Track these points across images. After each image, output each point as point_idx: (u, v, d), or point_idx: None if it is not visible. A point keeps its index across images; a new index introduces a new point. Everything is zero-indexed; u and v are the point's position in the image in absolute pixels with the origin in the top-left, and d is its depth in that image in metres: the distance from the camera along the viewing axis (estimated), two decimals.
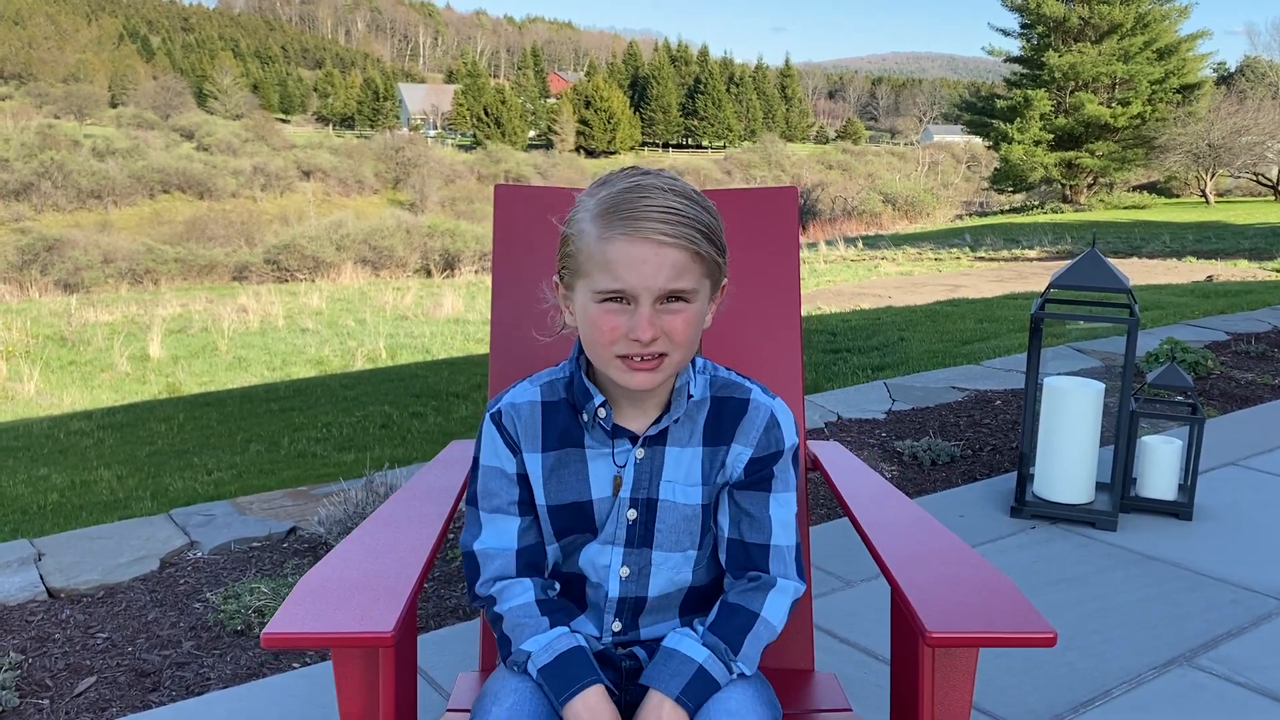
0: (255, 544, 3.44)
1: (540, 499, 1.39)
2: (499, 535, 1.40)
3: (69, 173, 46.76)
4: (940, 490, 3.99)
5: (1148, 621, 2.91)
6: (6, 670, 2.57)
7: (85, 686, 2.54)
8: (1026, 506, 3.66)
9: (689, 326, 1.28)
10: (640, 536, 1.39)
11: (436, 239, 28.92)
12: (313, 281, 23.49)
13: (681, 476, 1.39)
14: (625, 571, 1.40)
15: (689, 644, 1.32)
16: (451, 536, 3.49)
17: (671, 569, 1.41)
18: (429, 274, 26.35)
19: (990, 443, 4.58)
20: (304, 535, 3.50)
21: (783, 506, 1.40)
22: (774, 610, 1.36)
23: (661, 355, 1.28)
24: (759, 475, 1.39)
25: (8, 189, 44.74)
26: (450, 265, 27.15)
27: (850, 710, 1.63)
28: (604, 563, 1.41)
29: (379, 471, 3.93)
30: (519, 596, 1.37)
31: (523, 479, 1.39)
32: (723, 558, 1.42)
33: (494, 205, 2.05)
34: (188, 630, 2.83)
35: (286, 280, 24.88)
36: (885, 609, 2.89)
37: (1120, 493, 3.62)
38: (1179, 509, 3.68)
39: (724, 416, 1.39)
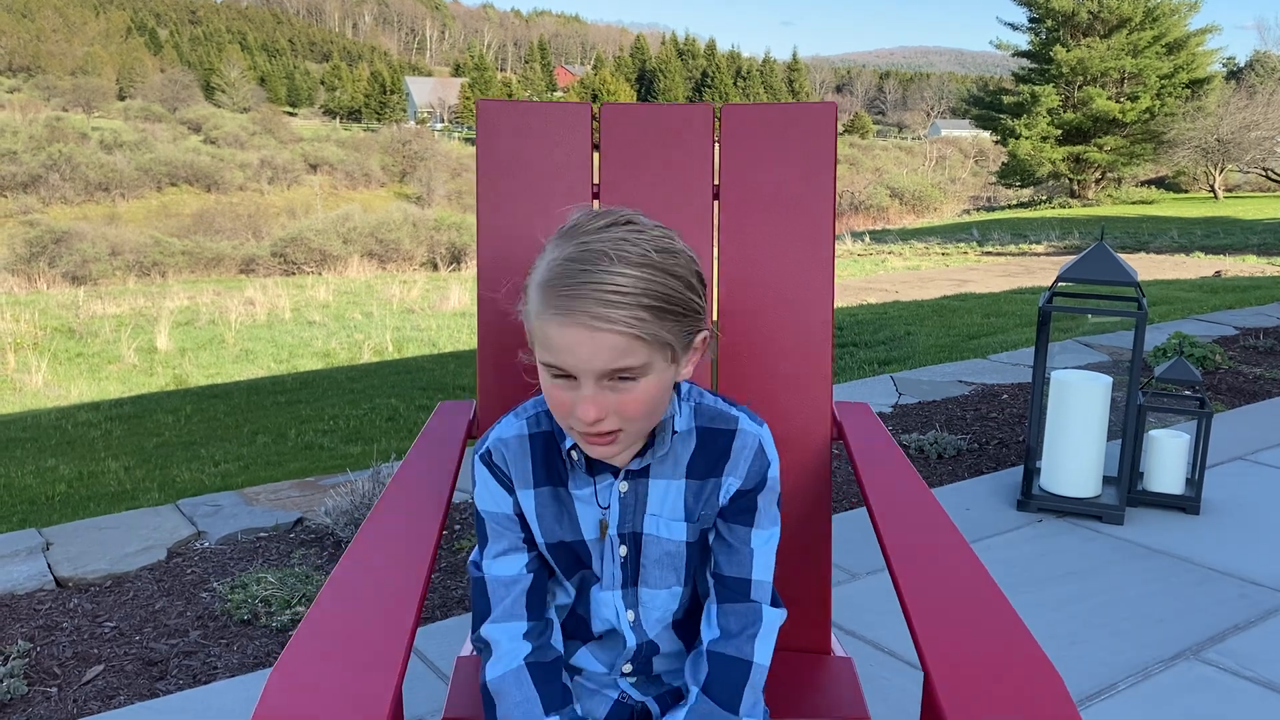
0: (262, 534, 3.45)
1: (538, 538, 1.33)
2: (506, 566, 1.34)
3: (77, 165, 46.87)
4: (947, 483, 3.99)
5: (1154, 615, 2.90)
6: (15, 658, 2.58)
7: (93, 675, 2.55)
8: (1033, 500, 3.65)
9: (642, 403, 1.18)
10: (631, 574, 1.35)
11: (443, 232, 28.96)
12: (319, 274, 23.54)
13: (665, 510, 1.32)
14: (631, 616, 1.36)
15: None
16: (457, 528, 3.50)
17: (659, 607, 1.36)
18: (435, 267, 26.39)
19: (997, 436, 4.57)
20: (311, 526, 3.51)
21: (765, 542, 1.33)
22: (763, 652, 1.31)
23: (612, 432, 1.19)
24: (743, 507, 1.32)
25: (16, 181, 44.87)
26: (456, 259, 27.18)
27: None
28: (610, 611, 1.36)
29: (385, 463, 3.94)
30: (507, 659, 1.30)
31: (521, 517, 1.33)
32: (701, 587, 1.38)
33: (477, 124, 1.85)
34: (195, 619, 2.84)
35: (293, 273, 24.92)
36: (890, 601, 2.89)
37: (1127, 487, 3.61)
38: (1186, 503, 3.67)
39: (711, 450, 1.31)
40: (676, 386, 1.30)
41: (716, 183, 1.84)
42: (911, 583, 1.33)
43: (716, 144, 1.85)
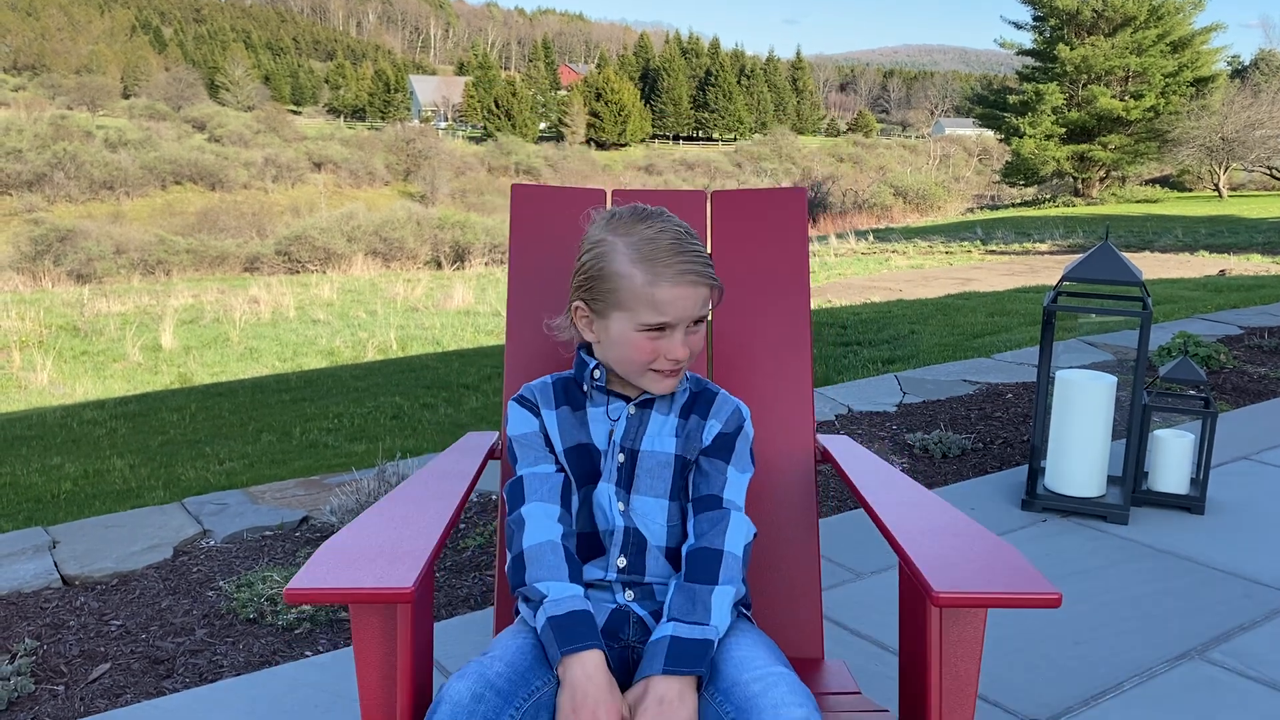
0: (268, 533, 3.46)
1: (558, 446, 1.61)
2: (541, 468, 1.59)
3: (81, 164, 46.91)
4: (951, 483, 3.99)
5: (1159, 615, 2.90)
6: (22, 657, 2.59)
7: (99, 673, 2.56)
8: (1037, 500, 3.65)
9: (702, 341, 1.59)
10: (626, 480, 1.60)
11: (447, 231, 28.95)
12: (324, 273, 23.55)
13: (661, 432, 1.62)
14: (621, 506, 1.59)
15: (658, 630, 1.45)
16: (463, 526, 3.51)
17: (648, 514, 1.59)
18: (439, 266, 26.38)
19: (1001, 436, 4.57)
20: (316, 524, 3.52)
21: (737, 475, 1.61)
22: (733, 542, 1.53)
23: (682, 365, 1.57)
24: (722, 445, 1.61)
25: (21, 180, 44.92)
26: (460, 257, 27.18)
27: (859, 693, 1.65)
28: (604, 500, 1.59)
29: (391, 462, 3.94)
30: (544, 531, 1.52)
31: (545, 435, 1.62)
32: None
33: (511, 205, 2.13)
34: (201, 618, 2.85)
35: (298, 271, 24.93)
36: (895, 600, 2.89)
37: (1132, 486, 3.61)
38: (1191, 503, 3.67)
39: (699, 401, 1.65)
40: None
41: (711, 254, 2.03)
42: (879, 500, 1.63)
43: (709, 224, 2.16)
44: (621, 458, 1.61)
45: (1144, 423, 3.70)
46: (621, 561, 1.58)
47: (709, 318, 1.61)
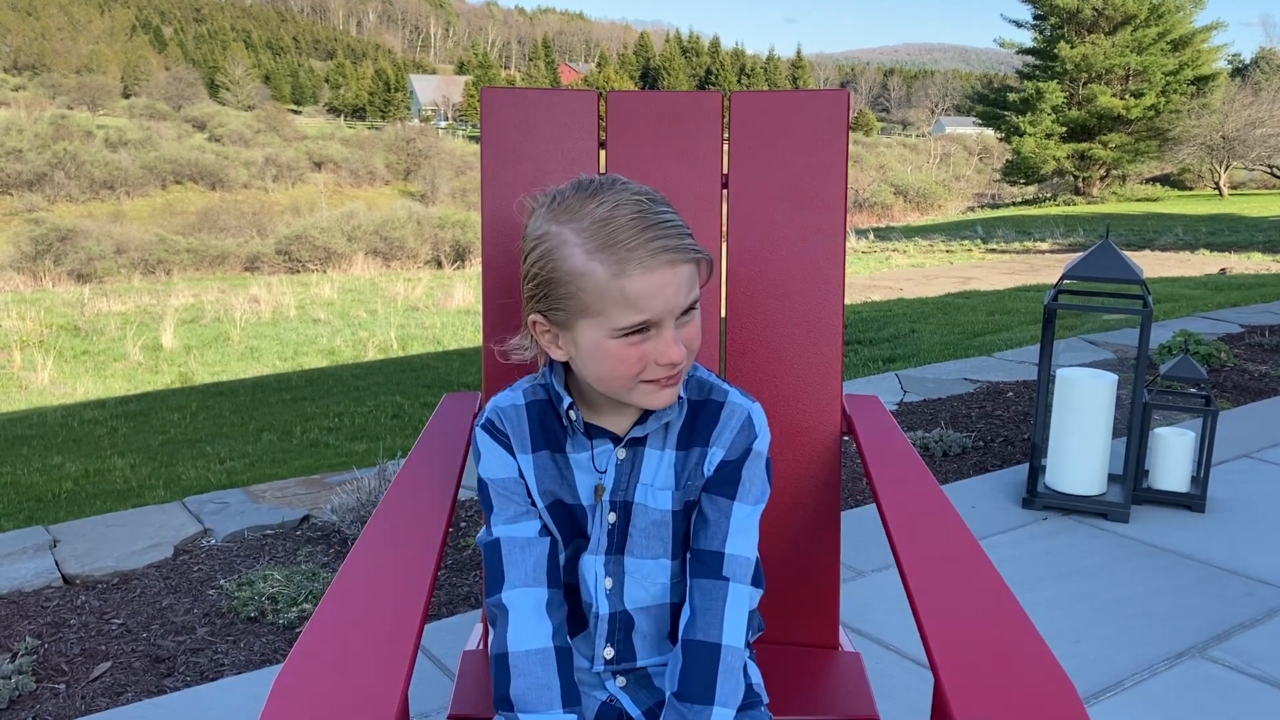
0: (268, 532, 3.46)
1: (537, 500, 1.33)
2: (521, 528, 1.32)
3: (82, 163, 46.91)
4: (952, 481, 3.99)
5: (1160, 613, 2.90)
6: (23, 655, 2.59)
7: (101, 671, 2.56)
8: (1038, 498, 3.65)
9: (699, 332, 1.25)
10: (617, 543, 1.33)
11: (447, 230, 28.94)
12: (324, 272, 23.55)
13: (657, 480, 1.32)
14: (609, 583, 1.34)
15: None
16: (463, 525, 3.51)
17: (645, 577, 1.34)
18: (440, 265, 26.39)
19: (1002, 434, 4.57)
20: (317, 523, 3.52)
21: (746, 516, 1.31)
22: (733, 629, 1.28)
23: (680, 369, 1.24)
24: (726, 477, 1.31)
25: (21, 179, 44.91)
26: (461, 256, 27.18)
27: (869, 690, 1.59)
28: (590, 578, 1.34)
29: (391, 460, 3.94)
30: (531, 634, 1.27)
31: (523, 478, 1.33)
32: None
33: (481, 113, 1.83)
34: (202, 616, 2.85)
35: (298, 271, 24.94)
36: (896, 598, 2.89)
37: (1132, 484, 3.61)
38: (1192, 501, 3.67)
39: (700, 420, 1.32)
40: None
41: (726, 172, 1.82)
42: (920, 584, 1.32)
43: (726, 133, 1.83)
44: (613, 517, 1.33)
45: (1145, 421, 3.70)
46: (609, 653, 1.36)
47: (705, 296, 1.30)
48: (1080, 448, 3.60)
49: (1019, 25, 42.58)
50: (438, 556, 1.37)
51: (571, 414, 1.30)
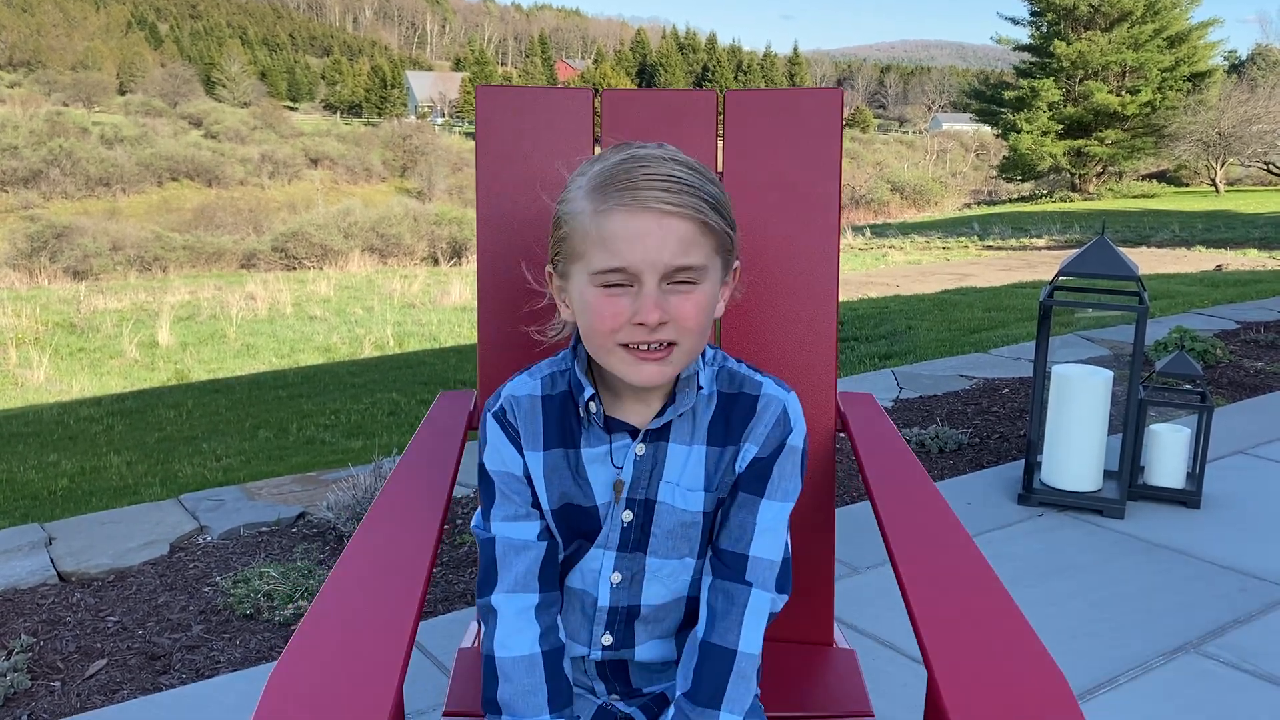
0: (264, 529, 3.46)
1: (544, 503, 1.28)
2: (518, 530, 1.28)
3: (77, 160, 46.79)
4: (948, 477, 3.99)
5: (1155, 609, 2.91)
6: (19, 653, 2.59)
7: (96, 669, 2.56)
8: (1034, 494, 3.66)
9: (700, 311, 1.15)
10: (635, 540, 1.28)
11: (444, 227, 28.91)
12: (320, 269, 23.52)
13: (683, 478, 1.26)
14: (616, 578, 1.29)
15: None
16: (459, 521, 3.51)
17: (668, 576, 1.29)
18: (436, 262, 26.37)
19: (998, 430, 4.57)
20: (313, 520, 3.52)
21: (774, 516, 1.26)
22: (750, 639, 1.24)
23: (670, 345, 1.15)
24: (756, 474, 1.25)
25: (17, 176, 44.80)
26: (457, 253, 27.15)
27: (872, 717, 1.57)
28: (594, 568, 1.29)
29: (387, 458, 3.94)
30: (519, 640, 1.25)
31: (529, 479, 1.28)
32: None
33: (476, 111, 1.83)
34: (197, 614, 2.85)
35: (294, 268, 24.90)
36: (891, 595, 2.89)
37: (1128, 480, 3.62)
38: (1187, 497, 3.68)
39: (733, 415, 1.25)
40: (702, 352, 1.27)
41: (720, 170, 1.82)
42: (914, 580, 1.31)
43: (720, 130, 1.83)
44: (629, 516, 1.27)
45: (1140, 417, 3.71)
46: (607, 639, 1.33)
47: (718, 293, 1.20)
48: (1076, 444, 3.60)
49: (1016, 22, 42.56)
50: (433, 552, 1.36)
51: (592, 406, 1.24)
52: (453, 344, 11.73)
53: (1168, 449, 3.70)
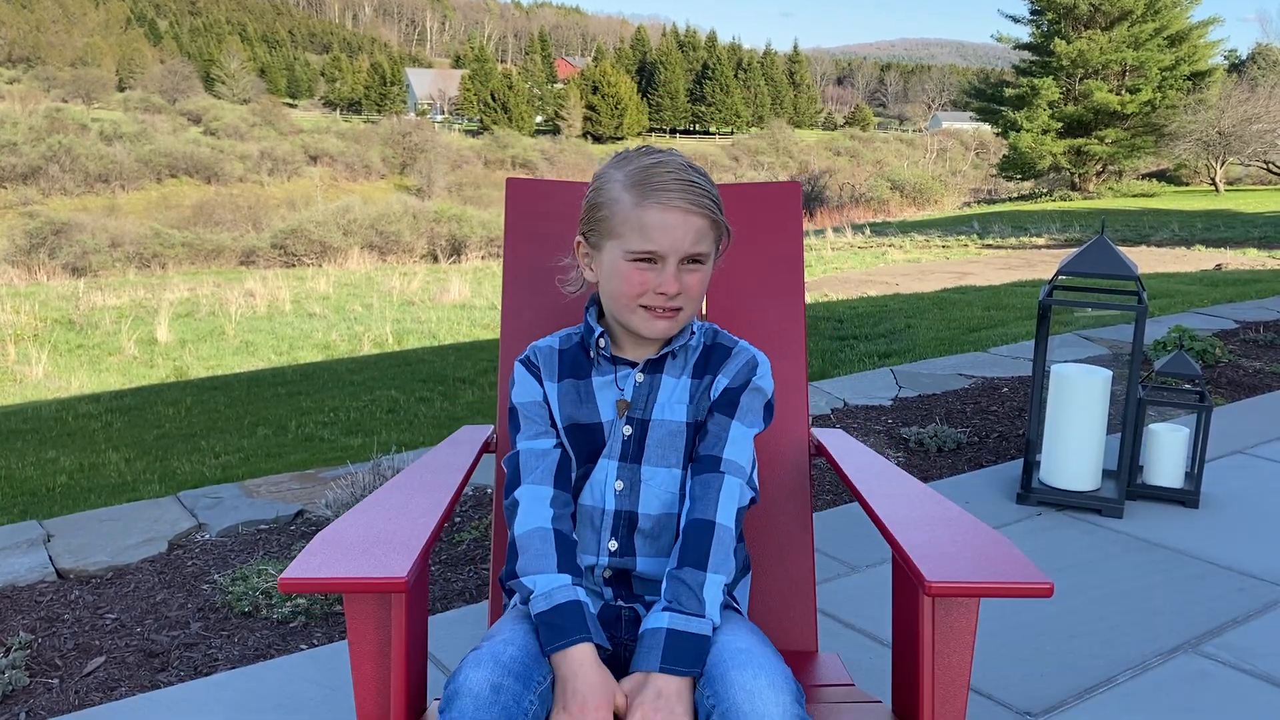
0: (263, 526, 3.46)
1: (559, 421, 1.58)
2: (539, 442, 1.57)
3: (76, 156, 46.75)
4: (946, 477, 3.99)
5: (1153, 608, 2.91)
6: (17, 650, 2.59)
7: (94, 666, 2.56)
8: (1033, 493, 3.66)
9: (702, 284, 1.53)
10: (633, 452, 1.57)
11: (443, 224, 28.89)
12: (320, 266, 23.51)
13: (672, 399, 1.58)
14: (619, 485, 1.57)
15: (653, 618, 1.41)
16: (458, 520, 3.51)
17: (659, 485, 1.56)
18: (435, 259, 26.36)
19: (997, 430, 4.58)
20: (311, 518, 3.52)
21: (741, 433, 1.56)
22: (725, 510, 1.49)
23: (677, 309, 1.51)
24: (727, 400, 1.57)
25: (15, 172, 44.77)
26: (457, 251, 27.14)
27: (852, 685, 1.65)
28: (601, 478, 1.57)
29: (386, 455, 3.94)
30: (534, 517, 1.50)
31: (548, 404, 1.59)
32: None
33: (505, 198, 2.11)
34: (196, 611, 2.85)
35: (293, 265, 24.89)
36: (889, 594, 2.89)
37: (1127, 480, 3.62)
38: (1186, 496, 3.68)
39: (713, 356, 1.60)
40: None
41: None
42: (872, 490, 1.62)
43: None
44: (629, 429, 1.57)
45: (1139, 417, 3.71)
46: (613, 545, 1.56)
47: (711, 269, 1.55)
48: (1075, 443, 3.60)
49: (1016, 20, 42.49)
50: (456, 492, 1.63)
51: (601, 342, 1.59)
52: (451, 341, 11.73)
53: (1166, 448, 3.70)
